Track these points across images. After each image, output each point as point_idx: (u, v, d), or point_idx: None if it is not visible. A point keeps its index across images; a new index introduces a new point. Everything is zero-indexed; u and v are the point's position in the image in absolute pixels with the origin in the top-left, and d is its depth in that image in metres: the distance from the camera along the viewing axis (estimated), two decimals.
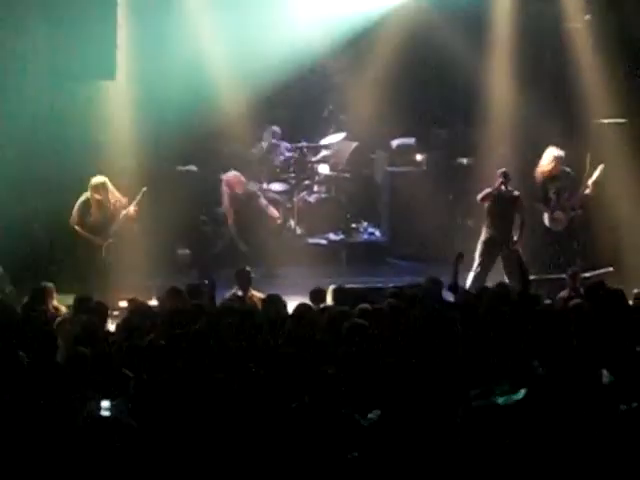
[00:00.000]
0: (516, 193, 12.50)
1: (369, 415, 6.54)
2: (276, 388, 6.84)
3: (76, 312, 9.11)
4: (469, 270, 12.08)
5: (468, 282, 11.95)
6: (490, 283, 11.08)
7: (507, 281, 11.63)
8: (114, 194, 12.03)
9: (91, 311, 8.86)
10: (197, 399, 6.59)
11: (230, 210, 13.51)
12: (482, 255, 12.33)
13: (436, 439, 6.04)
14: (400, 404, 6.37)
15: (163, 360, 7.28)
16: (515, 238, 12.39)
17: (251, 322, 8.37)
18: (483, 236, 12.44)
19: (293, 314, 8.71)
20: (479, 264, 12.30)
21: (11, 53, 12.52)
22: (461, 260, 10.00)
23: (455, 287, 9.74)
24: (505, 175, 12.43)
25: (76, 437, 6.06)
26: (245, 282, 10.55)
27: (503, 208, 12.40)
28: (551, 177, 12.80)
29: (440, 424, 6.16)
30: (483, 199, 12.47)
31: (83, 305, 9.19)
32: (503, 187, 12.36)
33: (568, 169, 12.86)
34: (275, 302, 9.26)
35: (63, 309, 9.82)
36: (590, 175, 12.75)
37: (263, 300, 9.78)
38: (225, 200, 13.56)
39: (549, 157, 12.83)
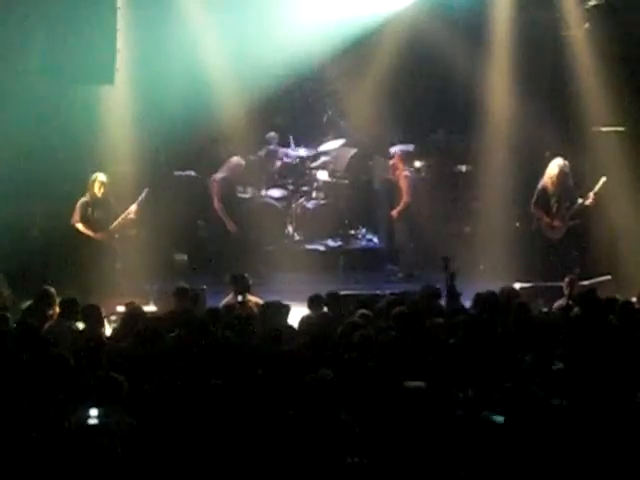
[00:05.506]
0: None
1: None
2: (274, 393, 6.82)
3: (61, 316, 9.02)
4: (463, 275, 12.06)
5: None
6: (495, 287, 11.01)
7: None
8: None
9: (79, 315, 8.79)
10: (193, 405, 6.56)
11: (219, 193, 13.47)
12: None
13: (432, 446, 6.04)
14: (397, 411, 6.36)
15: (159, 366, 7.26)
16: None
17: (248, 327, 8.38)
18: None
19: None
20: None
21: (11, 57, 12.52)
22: (450, 266, 9.88)
23: (452, 294, 9.69)
24: None
25: (62, 446, 6.00)
26: (242, 287, 10.51)
27: None
28: (554, 186, 12.82)
29: (435, 431, 6.16)
30: None
31: (68, 308, 9.06)
32: None
33: (570, 179, 12.89)
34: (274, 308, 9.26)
35: None
36: (590, 186, 12.78)
37: (261, 306, 9.76)
38: (215, 185, 13.50)
39: (556, 167, 12.85)
